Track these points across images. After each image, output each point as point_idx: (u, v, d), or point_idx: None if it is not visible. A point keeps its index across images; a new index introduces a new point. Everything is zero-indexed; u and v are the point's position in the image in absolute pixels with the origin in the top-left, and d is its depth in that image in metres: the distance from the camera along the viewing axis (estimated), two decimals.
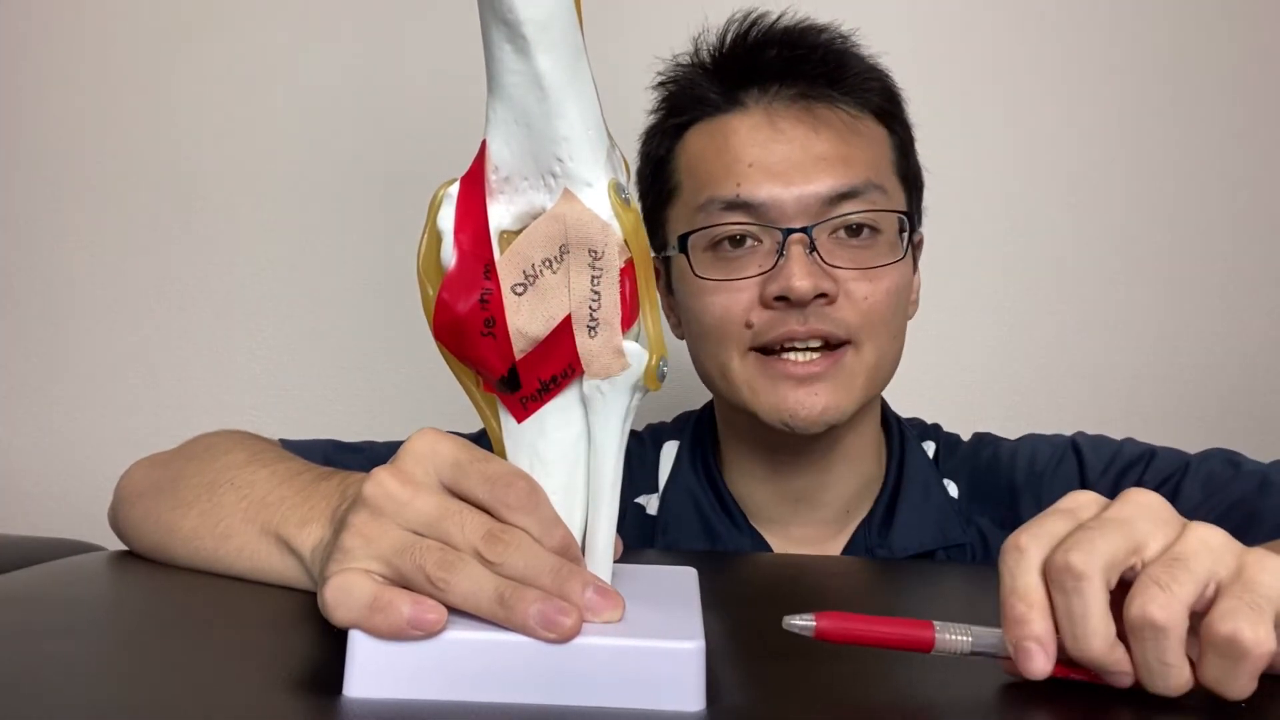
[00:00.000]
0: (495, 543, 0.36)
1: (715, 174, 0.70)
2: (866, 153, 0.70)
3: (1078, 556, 0.34)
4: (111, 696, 0.35)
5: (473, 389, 0.40)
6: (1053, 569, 0.35)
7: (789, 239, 0.66)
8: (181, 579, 0.53)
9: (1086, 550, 0.34)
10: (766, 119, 0.70)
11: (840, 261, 0.67)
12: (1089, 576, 0.34)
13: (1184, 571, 0.34)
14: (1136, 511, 0.36)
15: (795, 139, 0.68)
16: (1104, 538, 0.35)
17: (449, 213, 0.38)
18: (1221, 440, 0.75)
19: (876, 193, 0.69)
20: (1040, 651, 0.35)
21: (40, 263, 1.17)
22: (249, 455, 0.57)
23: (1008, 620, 0.36)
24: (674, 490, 0.78)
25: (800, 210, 0.67)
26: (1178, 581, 0.34)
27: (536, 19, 0.34)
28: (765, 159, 0.68)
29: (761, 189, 0.68)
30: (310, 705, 0.34)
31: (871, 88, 0.72)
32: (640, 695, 0.34)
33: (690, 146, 0.73)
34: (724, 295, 0.69)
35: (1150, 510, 0.36)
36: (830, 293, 0.66)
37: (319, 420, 1.15)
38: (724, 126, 0.71)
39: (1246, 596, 0.33)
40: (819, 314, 0.67)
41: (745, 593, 0.54)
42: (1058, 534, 0.36)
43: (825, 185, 0.67)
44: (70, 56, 1.17)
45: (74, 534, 0.74)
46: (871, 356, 0.69)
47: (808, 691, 0.36)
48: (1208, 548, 0.35)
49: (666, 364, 0.38)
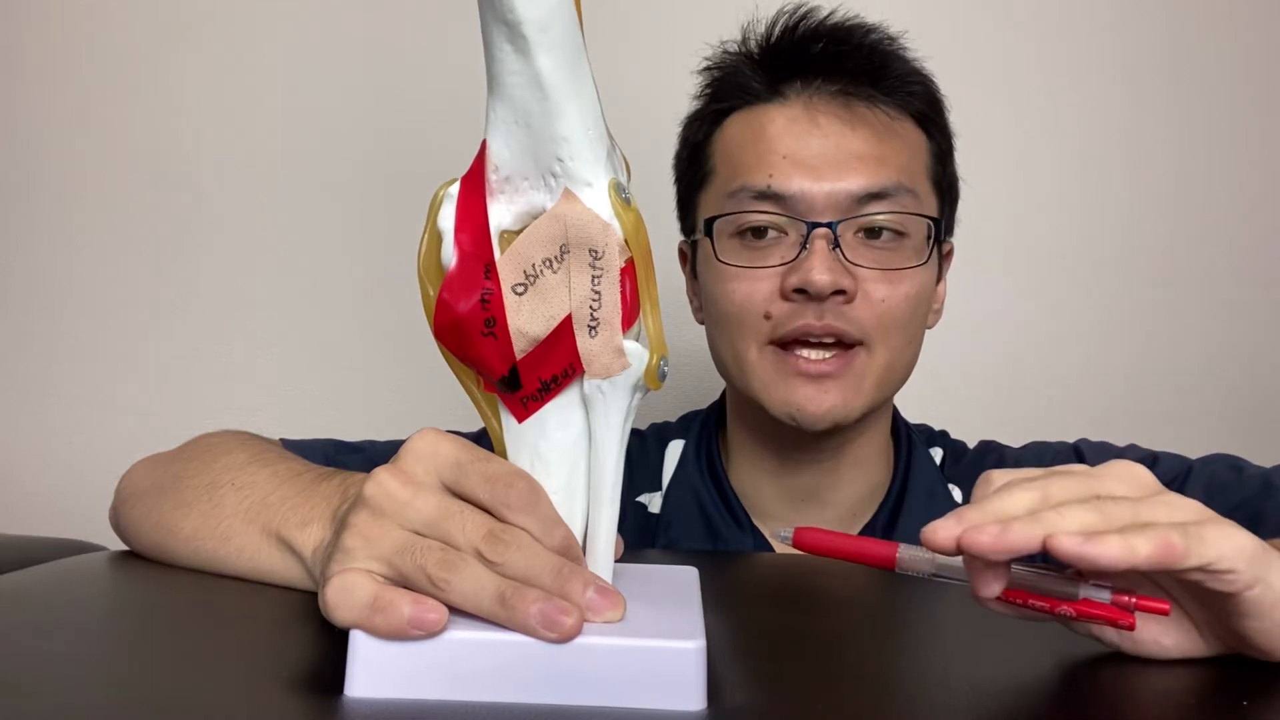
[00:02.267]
0: (496, 543, 0.36)
1: (749, 163, 0.70)
2: (901, 155, 0.70)
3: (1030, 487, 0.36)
4: (111, 696, 0.35)
5: (473, 389, 0.40)
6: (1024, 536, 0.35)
7: (813, 233, 0.67)
8: (182, 579, 0.53)
9: (1040, 486, 0.36)
10: (805, 112, 0.70)
11: (863, 261, 0.67)
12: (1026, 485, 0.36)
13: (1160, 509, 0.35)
14: (1111, 471, 0.37)
15: (831, 134, 0.69)
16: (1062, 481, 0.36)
17: (449, 213, 0.38)
18: (1224, 444, 0.75)
19: (907, 196, 0.69)
20: (991, 534, 0.34)
21: (40, 263, 1.17)
22: (249, 456, 0.57)
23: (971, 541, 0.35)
24: (677, 487, 0.78)
25: (829, 205, 0.67)
26: (1106, 515, 0.35)
27: (536, 19, 0.34)
28: (799, 152, 0.68)
29: (793, 181, 0.68)
30: (311, 705, 0.34)
31: (914, 91, 0.72)
32: (641, 695, 0.34)
33: (728, 134, 0.73)
34: (746, 283, 0.69)
35: (1128, 475, 0.38)
36: (849, 290, 0.67)
37: (319, 420, 1.15)
38: (762, 116, 0.71)
39: (1208, 522, 0.35)
40: (835, 311, 0.67)
41: (746, 592, 0.54)
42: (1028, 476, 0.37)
43: (856, 183, 0.68)
44: (70, 56, 1.17)
45: (74, 534, 0.74)
46: (883, 359, 0.69)
47: (808, 691, 0.36)
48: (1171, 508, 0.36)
49: (667, 363, 0.38)
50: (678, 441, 0.81)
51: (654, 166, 0.80)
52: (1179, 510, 0.36)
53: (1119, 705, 0.35)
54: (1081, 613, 0.36)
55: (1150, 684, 0.37)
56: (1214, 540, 0.35)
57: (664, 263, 0.44)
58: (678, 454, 0.80)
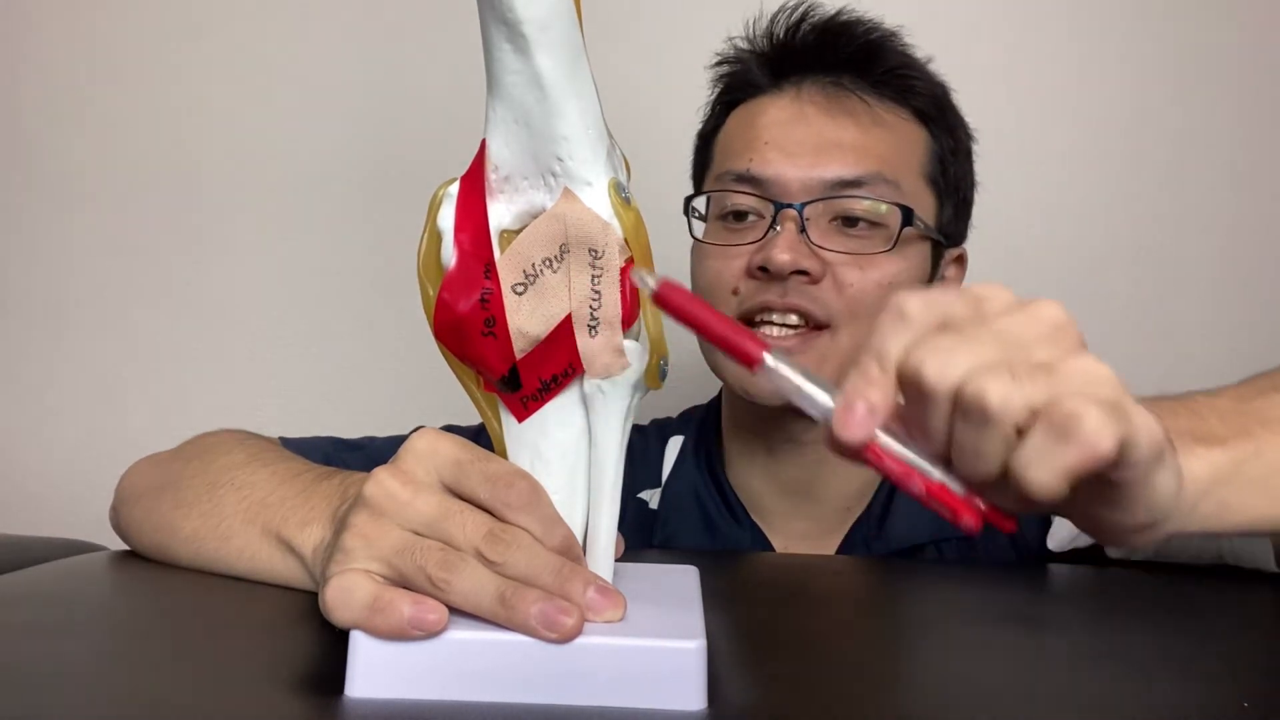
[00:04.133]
0: (496, 542, 0.36)
1: (736, 149, 0.73)
2: (884, 146, 0.71)
3: (932, 366, 0.31)
4: (112, 696, 0.35)
5: (473, 388, 0.40)
6: (907, 370, 0.31)
7: (780, 213, 0.68)
8: (182, 579, 0.53)
9: (943, 361, 0.30)
10: (794, 103, 0.72)
11: (833, 246, 0.69)
12: (937, 397, 0.30)
13: (1046, 377, 0.30)
14: (1029, 328, 0.32)
15: (814, 123, 0.71)
16: (973, 347, 0.31)
17: (449, 212, 0.38)
18: None
19: (886, 186, 0.69)
20: (864, 414, 0.31)
21: (41, 263, 1.17)
22: (249, 455, 0.57)
23: (853, 373, 0.32)
24: (676, 483, 0.78)
25: (802, 190, 0.69)
26: (1033, 381, 0.30)
27: (536, 18, 0.34)
28: (781, 139, 0.70)
29: (770, 166, 0.70)
30: (311, 705, 0.34)
31: (911, 86, 0.73)
32: (642, 694, 0.34)
33: (729, 124, 0.76)
34: (718, 261, 0.71)
35: (1046, 329, 0.32)
36: (813, 271, 0.67)
37: (319, 420, 1.14)
38: (756, 107, 0.74)
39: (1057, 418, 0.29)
40: (799, 290, 0.68)
41: (747, 592, 0.54)
42: (949, 315, 0.32)
43: (832, 171, 0.69)
44: (71, 56, 1.17)
45: (74, 534, 0.74)
46: (847, 343, 0.68)
47: (808, 690, 0.36)
48: (1086, 377, 0.30)
49: (667, 363, 0.38)
50: (677, 438, 0.82)
51: (654, 166, 0.80)
52: (1097, 385, 0.30)
53: (1119, 705, 0.35)
54: (932, 493, 0.32)
55: (1151, 684, 0.37)
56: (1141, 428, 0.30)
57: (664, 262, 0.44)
58: (677, 450, 0.81)
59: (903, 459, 0.32)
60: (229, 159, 1.16)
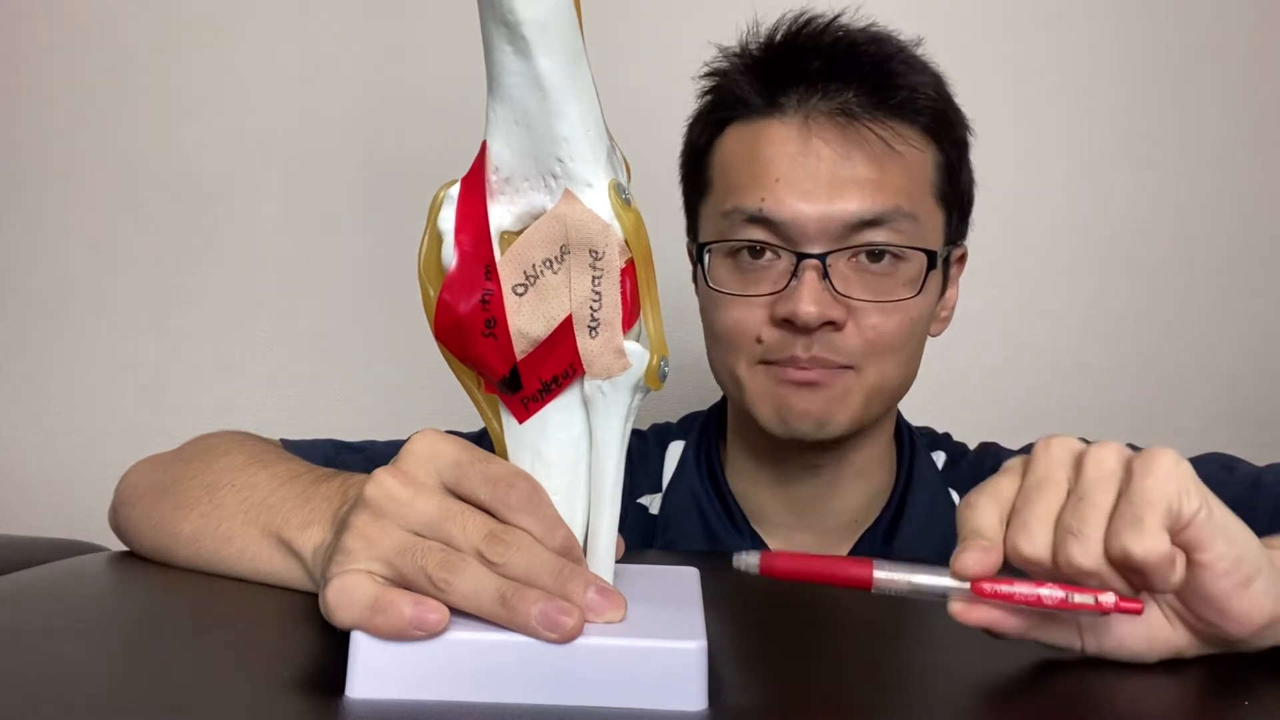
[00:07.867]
0: (497, 543, 0.36)
1: (743, 183, 0.68)
2: (900, 178, 0.68)
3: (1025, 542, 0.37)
4: (112, 696, 0.35)
5: (474, 389, 0.40)
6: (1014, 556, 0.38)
7: (802, 264, 0.66)
8: (182, 579, 0.53)
9: (1031, 531, 0.37)
10: (801, 132, 0.67)
11: (856, 290, 0.66)
12: (1038, 559, 0.37)
13: (1089, 510, 0.37)
14: (1049, 466, 0.39)
15: (826, 158, 0.66)
16: (1037, 503, 0.38)
17: (449, 214, 0.38)
18: (1225, 446, 0.75)
19: (906, 221, 0.67)
20: (981, 550, 0.37)
21: (41, 262, 1.17)
22: (249, 456, 0.57)
23: (962, 533, 0.38)
24: (677, 489, 0.78)
25: (821, 231, 0.66)
26: (1088, 524, 0.36)
27: (536, 20, 0.34)
28: (793, 175, 0.66)
29: (785, 206, 0.66)
30: (312, 706, 0.34)
31: (920, 105, 0.68)
32: (642, 695, 0.34)
33: (726, 145, 0.71)
34: (737, 310, 0.68)
35: (1061, 458, 0.39)
36: (839, 320, 0.66)
37: (319, 420, 1.14)
38: (759, 132, 0.69)
39: (1129, 512, 0.36)
40: (824, 340, 0.66)
41: (747, 593, 0.54)
42: (1006, 495, 0.39)
43: (850, 210, 0.66)
44: (72, 56, 1.17)
45: (74, 534, 0.74)
46: (873, 379, 0.68)
47: (808, 690, 0.36)
48: (1104, 472, 0.37)
49: (668, 364, 0.38)
50: (677, 443, 0.81)
51: (654, 167, 0.79)
52: (1115, 476, 0.38)
53: (1121, 705, 0.35)
54: (1069, 594, 0.37)
55: (1152, 685, 0.37)
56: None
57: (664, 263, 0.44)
58: (677, 455, 0.80)
59: (1027, 596, 0.37)
60: (231, 159, 1.16)
